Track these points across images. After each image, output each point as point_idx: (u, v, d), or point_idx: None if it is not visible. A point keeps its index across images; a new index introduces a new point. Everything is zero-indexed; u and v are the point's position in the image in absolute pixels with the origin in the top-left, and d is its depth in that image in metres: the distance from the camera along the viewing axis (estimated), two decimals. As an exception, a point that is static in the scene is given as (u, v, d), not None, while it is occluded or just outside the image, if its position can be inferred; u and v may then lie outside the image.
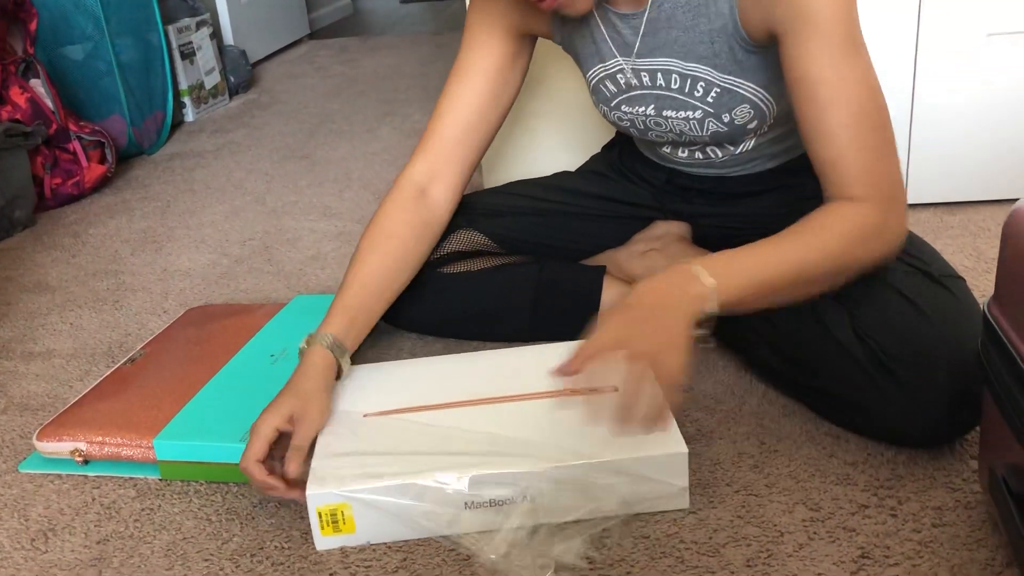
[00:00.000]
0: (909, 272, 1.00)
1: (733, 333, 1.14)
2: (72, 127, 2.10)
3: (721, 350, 1.20)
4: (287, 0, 3.76)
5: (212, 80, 2.85)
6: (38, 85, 2.07)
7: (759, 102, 1.04)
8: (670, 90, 1.07)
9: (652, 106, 1.10)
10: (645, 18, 1.03)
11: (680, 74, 1.05)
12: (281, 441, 0.94)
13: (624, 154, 1.31)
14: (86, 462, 1.08)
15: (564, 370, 0.82)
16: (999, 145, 1.56)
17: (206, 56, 2.81)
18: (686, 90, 1.06)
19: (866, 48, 0.93)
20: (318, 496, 0.89)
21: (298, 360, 1.01)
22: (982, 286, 1.33)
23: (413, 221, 1.13)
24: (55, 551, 0.96)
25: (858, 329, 0.96)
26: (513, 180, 1.46)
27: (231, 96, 2.99)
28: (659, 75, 1.07)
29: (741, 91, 1.04)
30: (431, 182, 1.15)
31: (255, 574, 0.90)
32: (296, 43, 3.86)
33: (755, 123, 1.07)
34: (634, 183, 1.29)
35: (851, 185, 0.92)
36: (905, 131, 1.57)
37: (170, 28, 2.61)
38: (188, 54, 2.71)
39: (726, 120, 1.06)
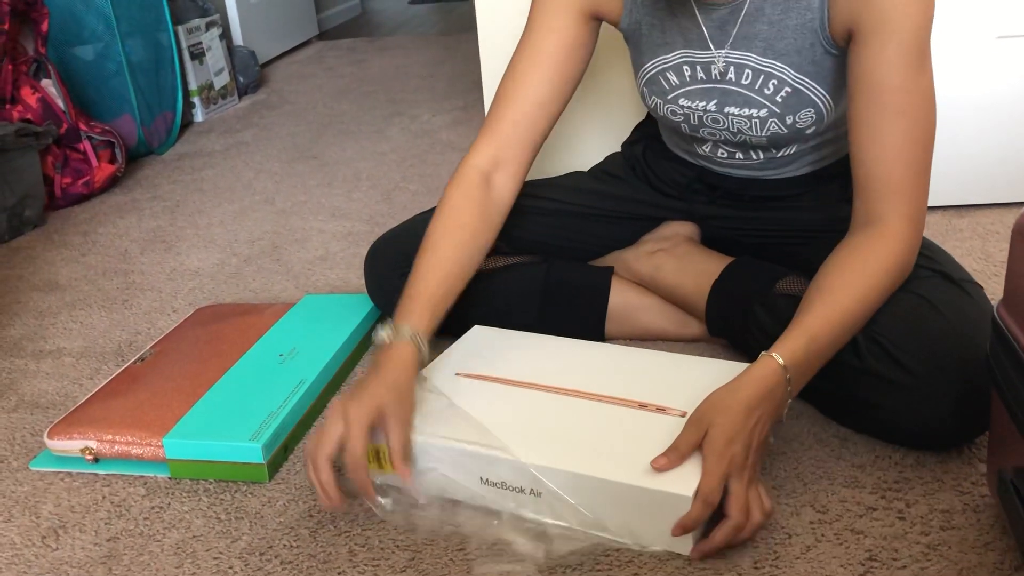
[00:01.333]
0: (928, 276, 1.00)
1: (743, 332, 1.14)
2: (82, 127, 2.11)
3: (729, 350, 1.20)
4: (296, 1, 3.77)
5: (221, 80, 2.86)
6: (49, 85, 2.08)
7: (823, 108, 1.04)
8: (740, 85, 1.05)
9: (715, 101, 1.08)
10: (733, 9, 1.02)
11: (754, 69, 1.04)
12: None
13: (649, 151, 1.29)
14: (96, 460, 1.09)
15: (657, 464, 0.86)
16: (1008, 148, 1.56)
17: (215, 56, 2.82)
18: (757, 87, 1.05)
19: (931, 62, 0.94)
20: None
21: (375, 346, 0.98)
22: (991, 289, 1.32)
23: (480, 210, 1.09)
24: (66, 548, 0.96)
25: (873, 327, 0.96)
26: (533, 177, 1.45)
27: (240, 96, 3.00)
28: (732, 69, 1.05)
29: (810, 94, 1.03)
30: (495, 169, 1.11)
31: (264, 572, 0.90)
32: (305, 44, 3.87)
33: (812, 128, 1.06)
34: (653, 185, 1.28)
35: (887, 201, 0.94)
36: (914, 134, 1.57)
37: (180, 28, 2.62)
38: (198, 54, 2.72)
39: (788, 122, 1.06)
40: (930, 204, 1.61)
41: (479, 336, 1.16)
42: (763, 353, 0.90)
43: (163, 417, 1.09)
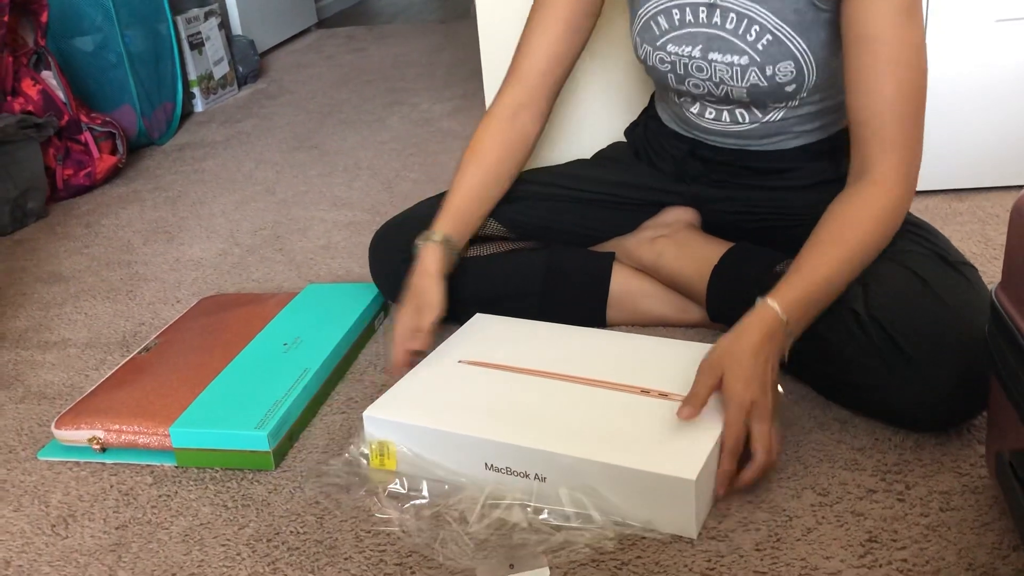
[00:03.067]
0: (924, 255, 1.02)
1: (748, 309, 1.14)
2: (83, 118, 2.12)
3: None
4: (294, -11, 3.76)
5: (221, 70, 2.86)
6: (49, 77, 2.08)
7: (803, 64, 1.07)
8: (724, 30, 1.09)
9: (700, 47, 1.11)
10: None
11: (738, 13, 1.07)
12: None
13: (649, 130, 1.32)
14: (103, 450, 1.10)
15: (683, 415, 0.91)
16: (1007, 131, 1.56)
17: (215, 46, 2.81)
18: (740, 32, 1.08)
19: (922, 18, 0.98)
20: (372, 419, 1.00)
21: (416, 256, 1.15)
22: (990, 272, 1.33)
23: (506, 140, 1.23)
24: (75, 537, 0.98)
25: (871, 306, 0.97)
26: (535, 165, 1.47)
27: (240, 86, 3.00)
28: (717, 11, 1.09)
29: (791, 45, 1.06)
30: (520, 109, 1.23)
31: (271, 559, 0.91)
32: (304, 32, 3.86)
33: (793, 87, 1.09)
34: (653, 164, 1.30)
35: (879, 152, 0.98)
36: (914, 118, 1.57)
37: (179, 18, 2.62)
38: (197, 44, 2.72)
39: (768, 74, 1.09)
40: (930, 188, 1.62)
41: (481, 324, 1.17)
42: (759, 300, 0.95)
43: (169, 406, 1.10)
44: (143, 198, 2.06)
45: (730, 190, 1.24)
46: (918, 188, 1.63)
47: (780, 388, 0.96)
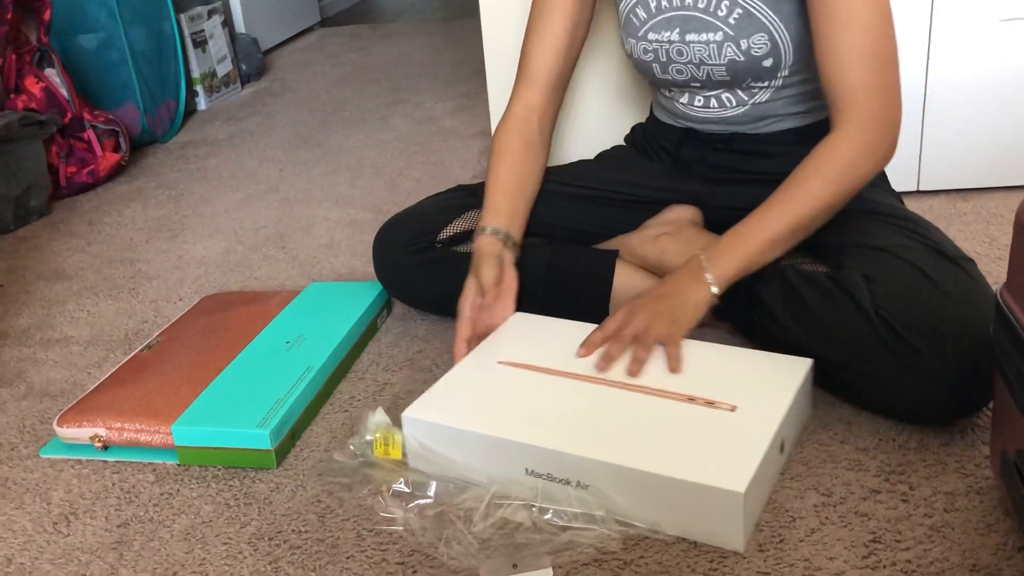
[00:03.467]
0: (924, 250, 1.02)
1: (748, 314, 1.14)
2: (86, 116, 2.12)
3: (735, 335, 1.20)
4: (298, -12, 3.76)
5: (224, 68, 2.86)
6: (53, 74, 2.08)
7: (776, 36, 1.11)
8: (696, 9, 1.14)
9: (677, 29, 1.16)
10: None
11: None
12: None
13: (647, 130, 1.36)
14: (105, 447, 1.10)
15: (579, 353, 1.01)
16: (1012, 131, 1.56)
17: (218, 44, 2.81)
18: (711, 8, 1.13)
19: None
20: (411, 420, 0.99)
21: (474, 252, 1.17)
22: (995, 273, 1.33)
23: (527, 141, 1.26)
24: (77, 534, 0.97)
25: (876, 300, 0.97)
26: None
27: (243, 84, 3.00)
28: None
29: (761, 17, 1.10)
30: (533, 112, 1.27)
31: (272, 558, 0.91)
32: (307, 31, 3.86)
33: (770, 60, 1.12)
34: (651, 158, 1.33)
35: (845, 107, 1.03)
36: (918, 117, 1.57)
37: (182, 16, 2.62)
38: (200, 42, 2.72)
39: (743, 47, 1.12)
40: (934, 188, 1.61)
41: (520, 323, 1.16)
42: (696, 255, 1.06)
43: (171, 404, 1.10)
44: (146, 196, 2.06)
45: (730, 187, 1.24)
46: (922, 188, 1.63)
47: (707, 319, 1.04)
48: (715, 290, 1.04)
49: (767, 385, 0.97)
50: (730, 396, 0.95)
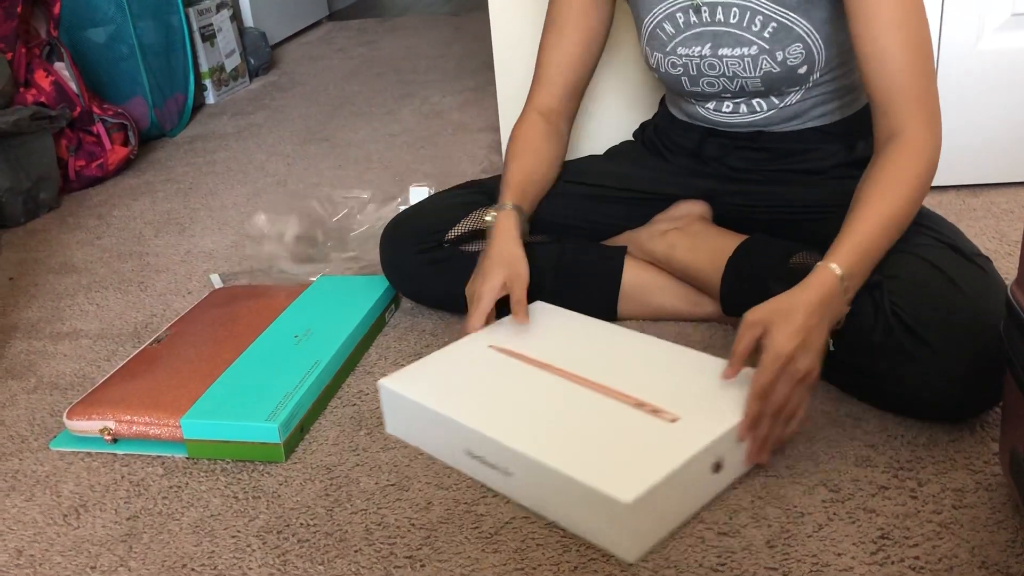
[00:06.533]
0: (939, 248, 1.02)
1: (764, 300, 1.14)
2: (96, 110, 2.12)
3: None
4: (306, -19, 3.76)
5: (232, 62, 2.86)
6: (62, 68, 2.08)
7: (811, 43, 1.09)
8: (729, 25, 1.11)
9: (709, 44, 1.13)
10: None
11: (739, 7, 1.09)
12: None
13: (659, 128, 1.33)
14: (115, 440, 1.10)
15: (727, 374, 0.95)
16: (1022, 127, 1.55)
17: (226, 38, 2.82)
18: (744, 24, 1.10)
19: None
20: (385, 389, 1.05)
21: (489, 229, 1.17)
22: (1005, 268, 1.32)
23: (543, 135, 1.26)
24: (87, 527, 0.98)
25: (891, 295, 0.97)
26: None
27: (251, 78, 3.00)
28: (719, 9, 1.11)
29: (797, 28, 1.08)
30: (550, 112, 1.27)
31: (281, 551, 0.91)
32: (315, 24, 3.86)
33: (805, 67, 1.11)
34: (664, 157, 1.31)
35: (903, 112, 1.00)
36: (928, 112, 1.56)
37: (191, 10, 2.62)
38: (208, 36, 2.72)
39: (779, 59, 1.11)
40: (944, 184, 1.61)
41: (536, 312, 1.18)
42: (818, 264, 0.94)
43: (180, 398, 1.11)
44: (155, 189, 2.06)
45: (741, 184, 1.23)
46: (932, 183, 1.63)
47: (831, 347, 0.95)
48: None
49: (722, 402, 0.94)
50: (680, 406, 0.94)
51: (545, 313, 1.17)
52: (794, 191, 1.20)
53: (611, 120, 1.61)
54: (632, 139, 1.41)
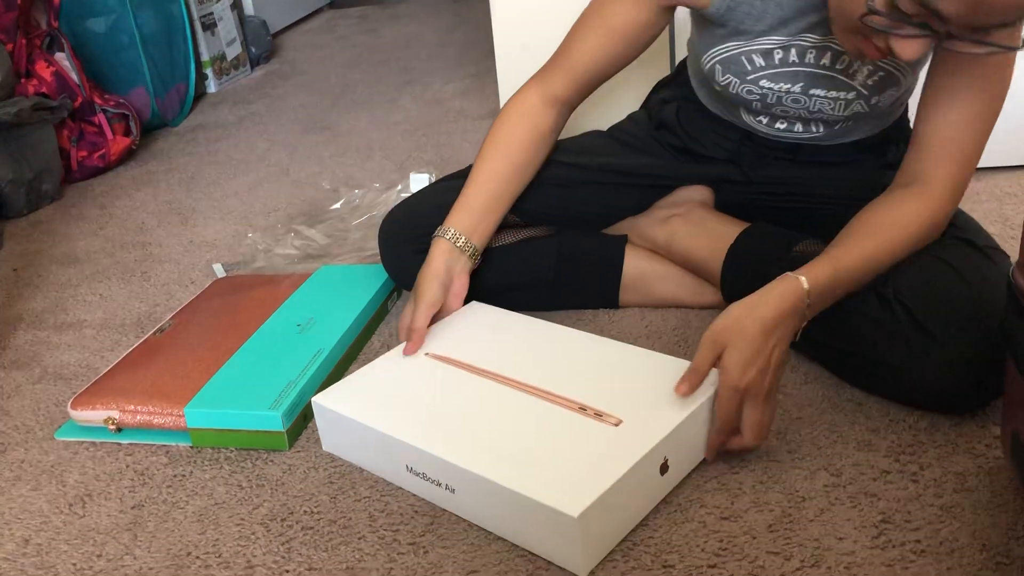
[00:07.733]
0: (951, 244, 1.01)
1: None
2: (97, 100, 2.12)
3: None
4: (306, -31, 3.75)
5: (233, 51, 2.86)
6: (63, 59, 2.08)
7: (903, 85, 1.08)
8: (833, 70, 1.05)
9: (801, 84, 1.07)
10: None
11: (843, 52, 1.04)
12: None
13: (683, 112, 1.25)
14: (119, 430, 1.10)
15: (679, 390, 0.91)
16: (1027, 109, 1.54)
17: (227, 27, 2.81)
18: (850, 71, 1.05)
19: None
20: (319, 407, 1.01)
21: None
22: (1007, 252, 1.31)
23: (535, 127, 1.18)
24: (92, 516, 0.99)
25: (896, 287, 0.97)
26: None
27: (252, 67, 3.00)
28: (828, 53, 1.04)
29: (897, 74, 1.06)
30: (556, 100, 1.18)
31: (285, 539, 0.92)
32: (316, 12, 3.85)
33: (891, 108, 1.10)
34: (687, 148, 1.25)
35: (942, 164, 0.97)
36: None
37: (191, -1, 2.62)
38: (209, 25, 2.71)
39: (873, 103, 1.08)
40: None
41: (469, 314, 1.15)
42: (788, 273, 0.92)
43: (184, 387, 1.11)
44: (157, 180, 2.06)
45: (781, 173, 1.21)
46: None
47: (789, 357, 0.94)
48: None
49: (665, 401, 0.92)
50: (622, 409, 0.92)
51: (483, 314, 1.15)
52: (811, 183, 1.19)
53: (614, 91, 1.60)
54: (637, 111, 1.36)
